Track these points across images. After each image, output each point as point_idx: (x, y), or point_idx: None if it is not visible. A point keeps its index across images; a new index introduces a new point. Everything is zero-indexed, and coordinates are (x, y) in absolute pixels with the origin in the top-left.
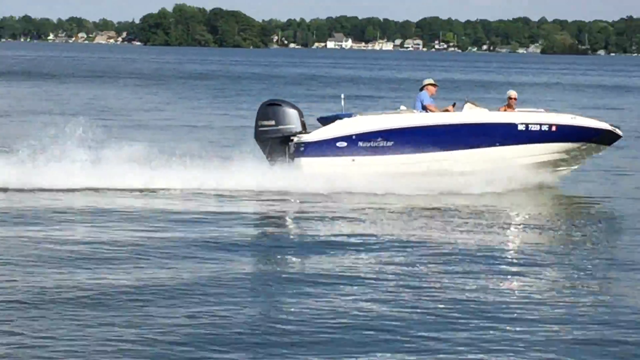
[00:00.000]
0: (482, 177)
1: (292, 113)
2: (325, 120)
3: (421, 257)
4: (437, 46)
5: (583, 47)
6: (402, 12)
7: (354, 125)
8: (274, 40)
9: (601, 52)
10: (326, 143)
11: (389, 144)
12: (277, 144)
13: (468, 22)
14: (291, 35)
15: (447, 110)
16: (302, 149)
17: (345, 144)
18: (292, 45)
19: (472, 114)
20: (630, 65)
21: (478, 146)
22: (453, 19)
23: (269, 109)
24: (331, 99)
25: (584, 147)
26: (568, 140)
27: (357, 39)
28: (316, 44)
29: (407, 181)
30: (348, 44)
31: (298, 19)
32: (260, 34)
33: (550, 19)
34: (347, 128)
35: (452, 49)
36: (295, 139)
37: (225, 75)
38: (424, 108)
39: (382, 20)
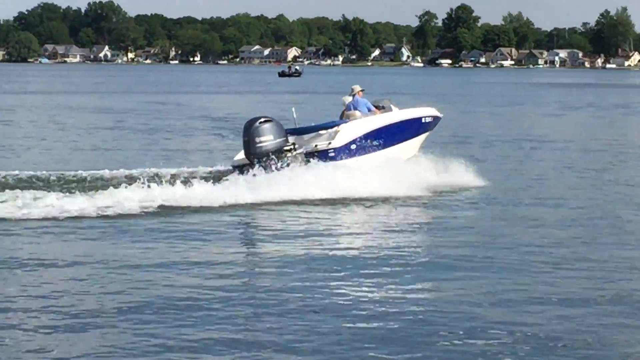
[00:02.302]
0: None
1: (281, 127)
2: (303, 131)
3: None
4: None
5: None
6: None
7: (358, 128)
8: None
9: None
10: (346, 147)
11: (375, 142)
12: (273, 156)
13: None
14: None
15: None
16: (331, 154)
17: (355, 146)
18: None
19: (403, 112)
20: None
21: (408, 139)
22: None
23: (264, 126)
24: None
25: None
26: (431, 129)
27: None
28: None
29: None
30: None
31: None
32: None
33: None
34: (355, 131)
35: None
36: (320, 145)
37: None
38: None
39: None
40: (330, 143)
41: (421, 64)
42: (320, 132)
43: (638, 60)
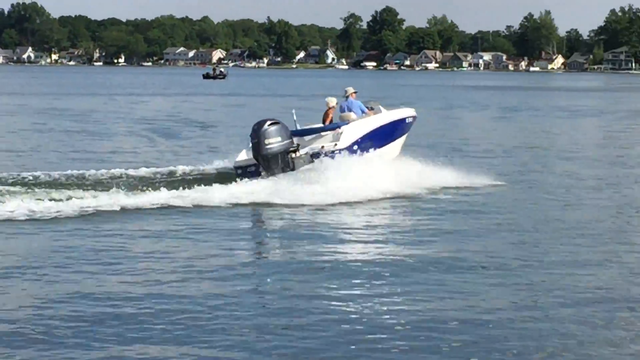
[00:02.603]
0: None
1: (287, 129)
2: (304, 133)
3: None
4: None
5: None
6: None
7: (359, 129)
8: None
9: None
10: (350, 147)
11: (372, 143)
12: (280, 158)
13: None
14: None
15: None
16: (337, 155)
17: (356, 146)
18: None
19: (391, 113)
20: None
21: (396, 139)
22: None
23: (272, 128)
24: None
25: None
26: (409, 129)
27: None
28: None
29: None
30: None
31: None
32: None
33: None
34: (357, 132)
35: None
36: (327, 146)
37: None
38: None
39: None
40: (336, 144)
41: (346, 67)
42: (322, 133)
43: (561, 63)
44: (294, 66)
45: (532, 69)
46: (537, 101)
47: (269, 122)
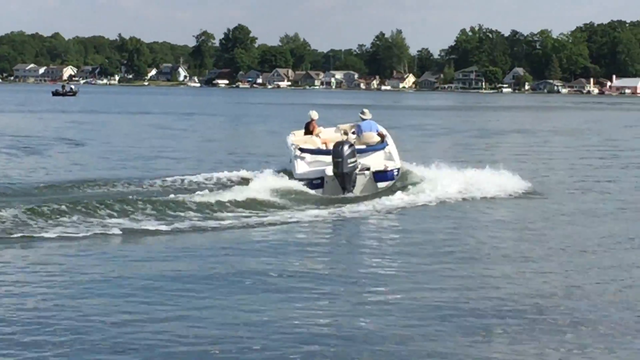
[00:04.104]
0: None
1: (355, 150)
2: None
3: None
4: None
5: None
6: None
7: (394, 148)
8: None
9: None
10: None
11: None
12: (354, 175)
13: None
14: None
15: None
16: (395, 172)
17: None
18: None
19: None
20: None
21: None
22: None
23: (351, 149)
24: None
25: None
26: None
27: None
28: None
29: None
30: None
31: None
32: None
33: None
34: (395, 150)
35: None
36: (389, 165)
37: None
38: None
39: None
40: (394, 162)
41: (198, 84)
42: (370, 153)
43: (412, 82)
44: (146, 83)
45: (383, 87)
46: (390, 120)
47: (347, 144)
